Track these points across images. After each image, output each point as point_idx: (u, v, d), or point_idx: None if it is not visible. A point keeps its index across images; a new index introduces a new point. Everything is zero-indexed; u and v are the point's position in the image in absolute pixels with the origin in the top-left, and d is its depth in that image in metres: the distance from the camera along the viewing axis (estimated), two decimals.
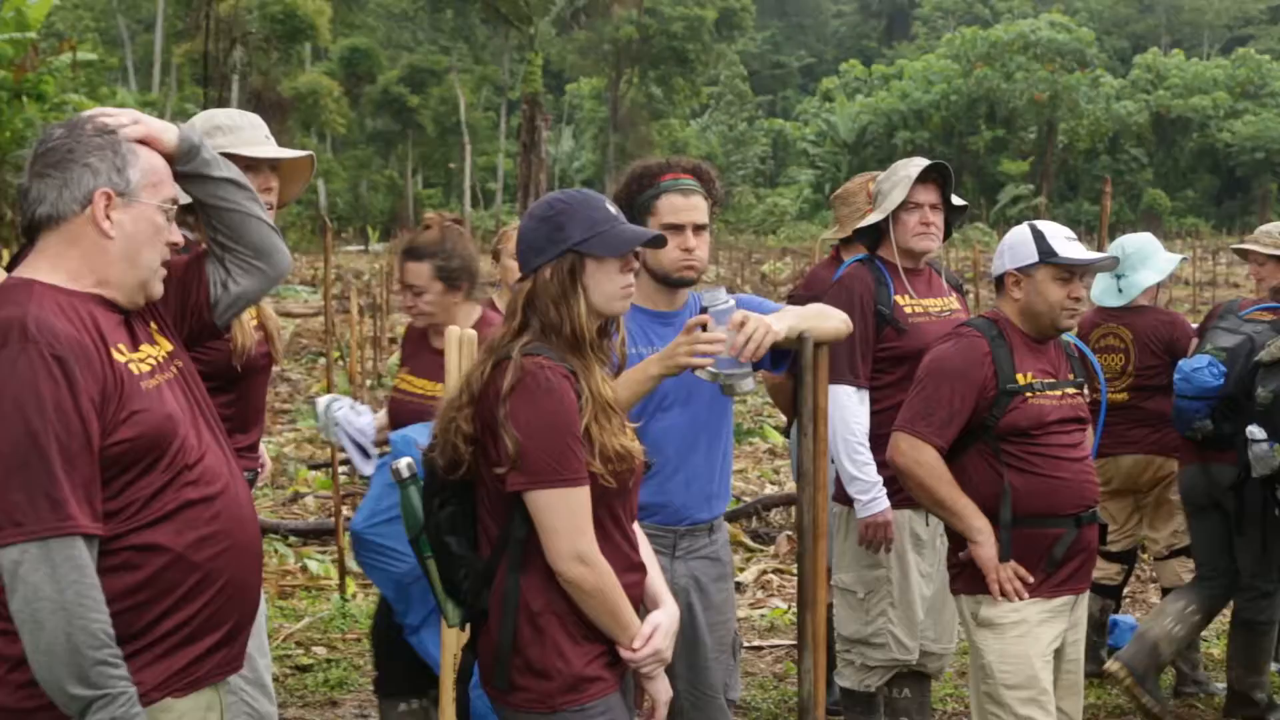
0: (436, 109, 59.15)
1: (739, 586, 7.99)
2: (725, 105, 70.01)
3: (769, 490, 10.39)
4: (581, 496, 2.76)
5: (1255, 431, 4.87)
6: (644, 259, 3.70)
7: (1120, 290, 5.89)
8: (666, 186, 3.71)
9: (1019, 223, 4.29)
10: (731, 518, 9.18)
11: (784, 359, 3.74)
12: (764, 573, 8.24)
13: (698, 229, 3.71)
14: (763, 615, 7.38)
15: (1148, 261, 5.92)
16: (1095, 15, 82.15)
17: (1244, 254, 6.15)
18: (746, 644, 6.82)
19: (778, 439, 12.45)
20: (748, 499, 9.90)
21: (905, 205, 4.71)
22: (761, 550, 8.76)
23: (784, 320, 3.44)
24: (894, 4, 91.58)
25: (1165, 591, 6.09)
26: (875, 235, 4.83)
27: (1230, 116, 65.56)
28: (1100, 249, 8.41)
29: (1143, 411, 5.83)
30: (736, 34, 62.96)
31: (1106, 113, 65.40)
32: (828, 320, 3.71)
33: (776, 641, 6.80)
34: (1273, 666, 5.83)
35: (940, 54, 68.97)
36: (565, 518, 2.74)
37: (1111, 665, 5.51)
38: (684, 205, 3.70)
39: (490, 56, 61.95)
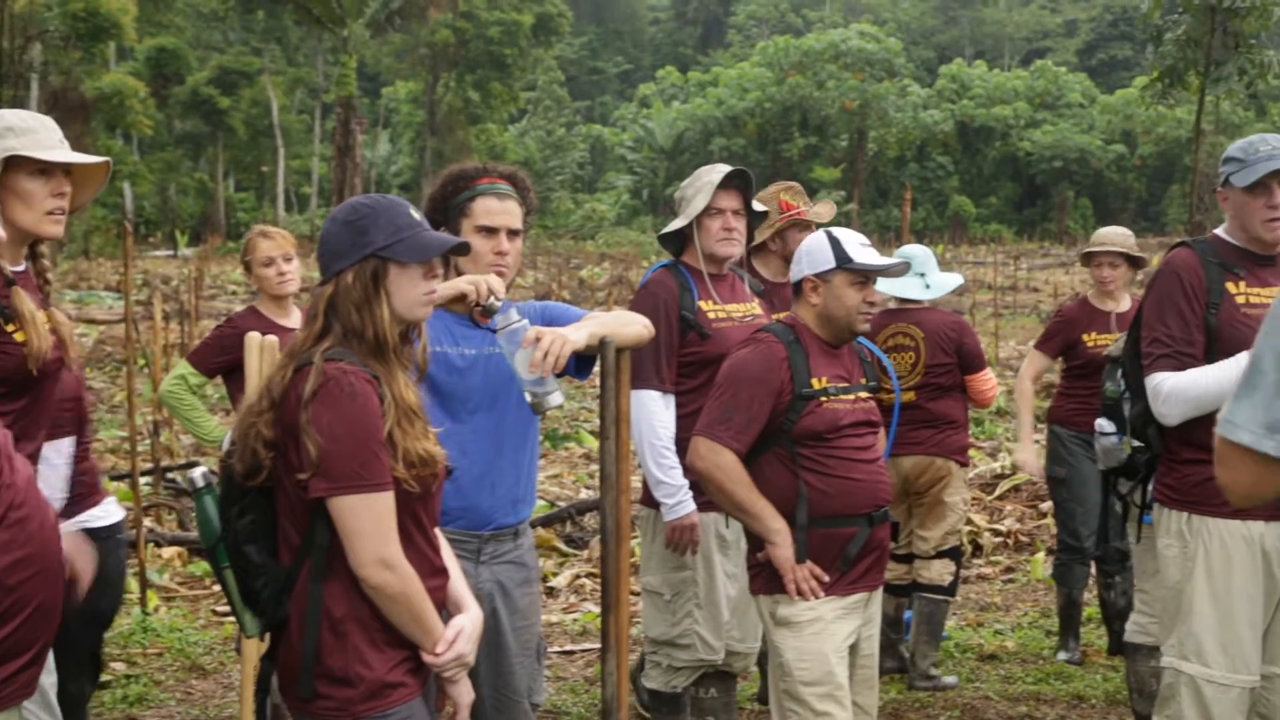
0: (248, 111, 57.95)
1: (552, 591, 8.03)
2: (543, 110, 70.08)
3: (584, 495, 10.44)
4: (385, 501, 2.76)
5: (1104, 425, 5.03)
6: (456, 262, 3.72)
7: (928, 287, 6.08)
8: (483, 190, 3.74)
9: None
10: (545, 522, 9.22)
11: (588, 365, 3.80)
12: (577, 577, 8.29)
13: (511, 234, 3.75)
14: (575, 619, 7.42)
15: (937, 266, 6.18)
16: (903, 26, 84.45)
17: (1089, 257, 6.41)
18: (559, 648, 6.86)
19: (593, 443, 12.52)
20: (563, 504, 9.93)
21: (708, 211, 4.79)
22: (575, 554, 8.81)
23: (582, 329, 3.50)
24: (709, 12, 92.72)
25: (924, 590, 6.20)
26: (679, 241, 4.91)
27: (1030, 126, 67.90)
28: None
29: (927, 413, 6.02)
30: (554, 39, 62.94)
31: (914, 121, 67.20)
32: (629, 326, 3.77)
33: (588, 645, 6.85)
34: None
35: (755, 62, 70.06)
36: (369, 523, 2.74)
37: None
38: (499, 209, 3.73)
39: (304, 59, 61.01)
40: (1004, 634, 7.05)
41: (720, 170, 4.85)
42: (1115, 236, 6.33)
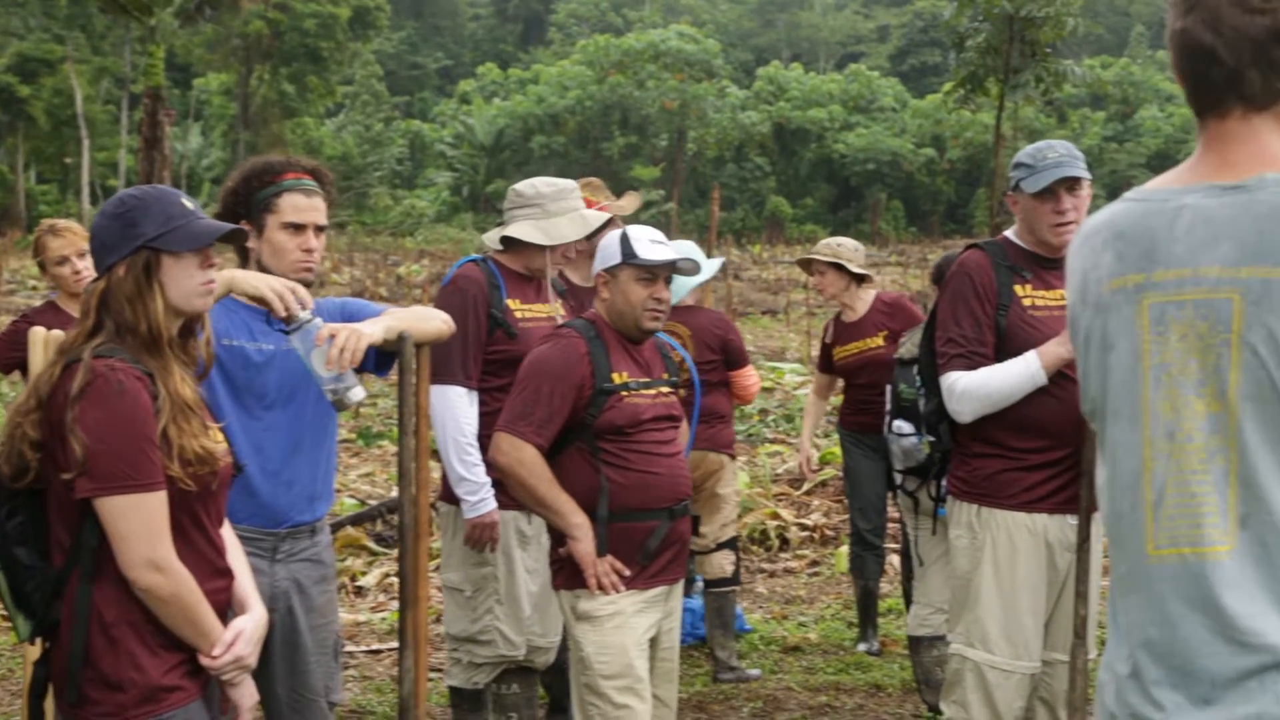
0: (50, 100, 55.87)
1: (361, 590, 7.95)
2: (361, 105, 69.07)
3: (395, 493, 10.32)
4: (156, 501, 2.69)
5: (902, 426, 5.15)
6: (260, 259, 3.67)
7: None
8: (289, 185, 3.69)
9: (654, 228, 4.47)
10: (355, 521, 9.13)
11: (388, 362, 3.78)
12: (386, 575, 8.22)
13: (318, 230, 3.72)
14: (383, 618, 7.36)
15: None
16: (721, 28, 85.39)
17: (807, 264, 6.59)
18: (366, 648, 6.80)
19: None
20: (373, 502, 9.83)
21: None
22: (384, 553, 8.73)
23: (378, 324, 3.48)
24: (530, 9, 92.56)
25: (710, 584, 6.33)
26: (508, 240, 4.88)
27: (844, 129, 69.24)
28: (709, 254, 8.79)
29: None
30: (371, 33, 62.20)
31: (732, 122, 68.01)
32: (427, 322, 3.77)
33: (395, 644, 6.78)
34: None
35: (575, 60, 70.14)
36: (138, 524, 2.67)
37: None
38: (306, 205, 3.69)
39: (110, 48, 59.06)
40: (807, 626, 7.20)
41: (575, 194, 4.92)
42: (825, 247, 6.51)
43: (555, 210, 4.83)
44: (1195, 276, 1.96)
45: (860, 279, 6.45)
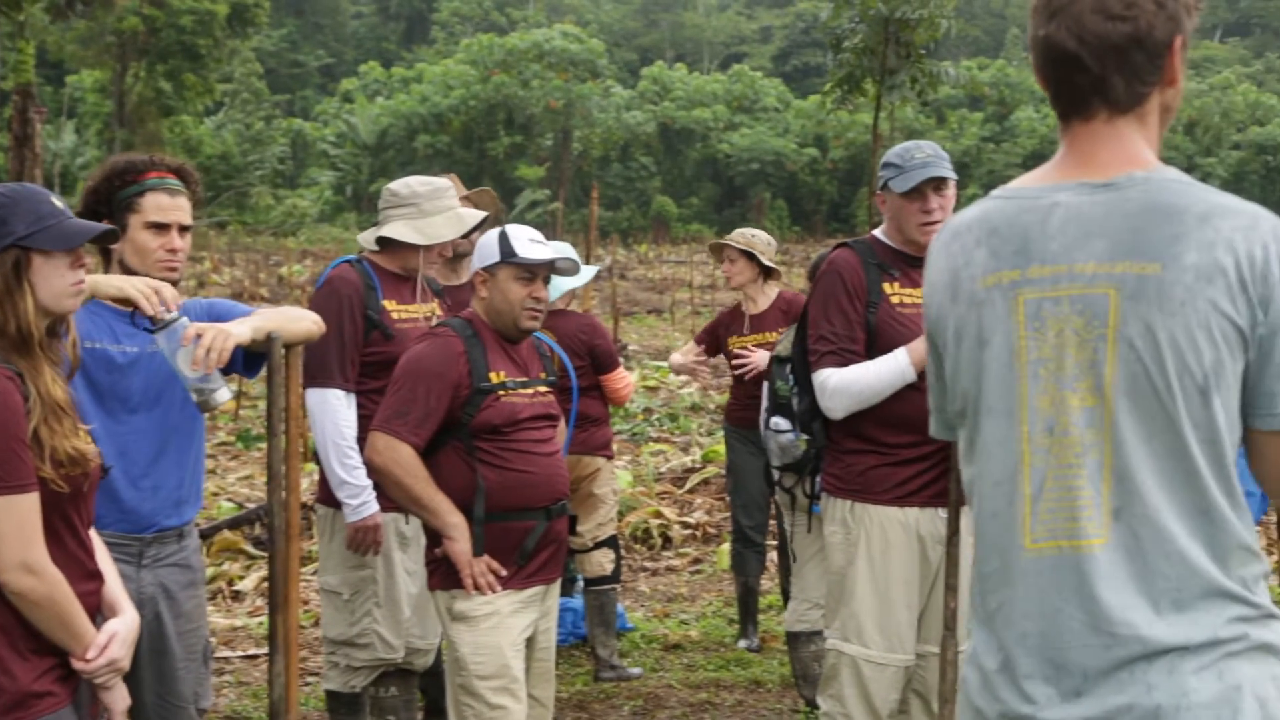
0: None
1: (238, 595, 7.84)
2: (241, 103, 67.98)
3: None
4: (29, 503, 2.64)
5: (779, 423, 5.17)
6: (123, 258, 3.61)
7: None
8: (153, 184, 3.63)
9: (539, 228, 4.46)
10: (233, 524, 8.99)
11: (258, 363, 3.73)
12: (264, 580, 8.09)
13: (182, 229, 3.66)
14: (260, 623, 7.26)
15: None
16: (605, 28, 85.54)
17: (718, 250, 6.64)
18: (243, 653, 6.70)
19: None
20: (252, 505, 9.69)
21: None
22: (263, 557, 8.59)
23: (246, 324, 3.43)
24: (413, 7, 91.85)
25: (591, 583, 6.32)
26: (384, 240, 4.82)
27: (729, 129, 69.71)
28: (588, 255, 8.79)
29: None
30: (251, 30, 61.11)
31: (618, 122, 68.11)
32: (297, 322, 3.72)
33: None
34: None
35: (459, 59, 69.71)
36: (11, 526, 2.61)
37: None
38: (170, 205, 3.64)
39: None
40: (689, 624, 7.24)
41: (451, 193, 4.88)
42: (740, 235, 6.56)
43: (431, 210, 4.80)
44: (1071, 272, 2.00)
45: (769, 273, 6.51)
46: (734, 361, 6.46)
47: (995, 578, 2.08)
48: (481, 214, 4.98)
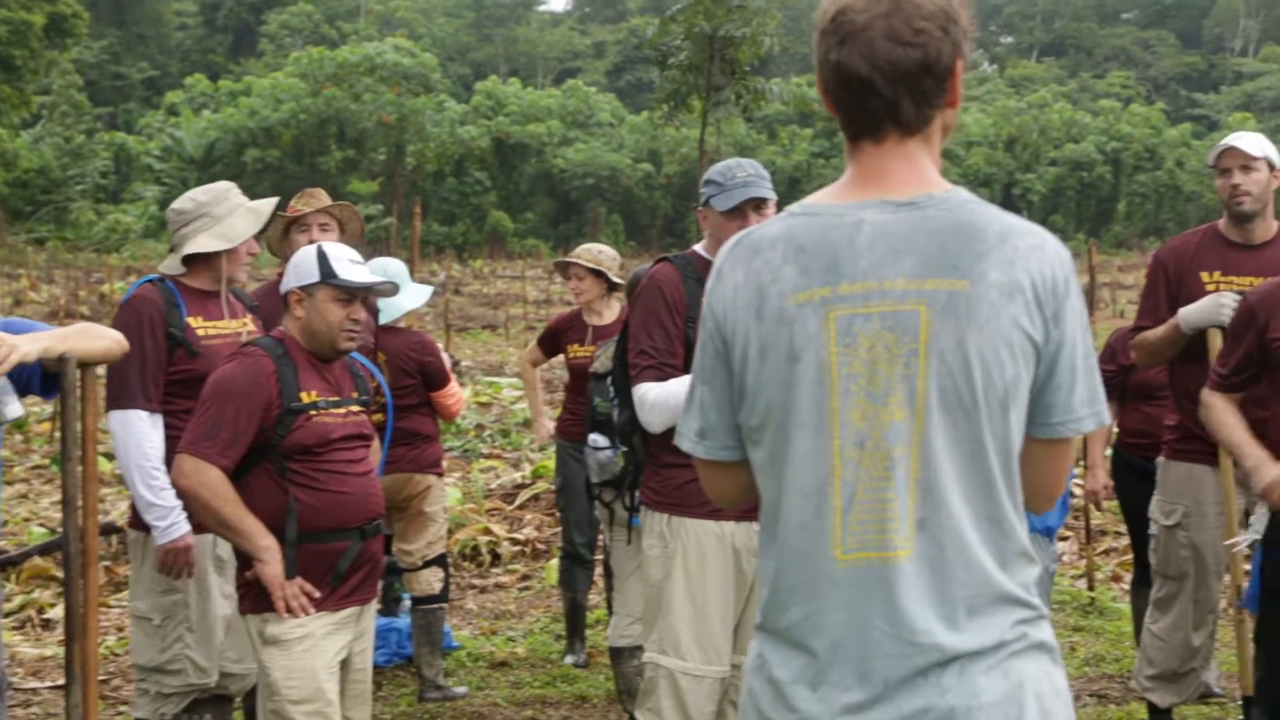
0: None
1: (49, 623, 7.58)
2: (60, 116, 65.92)
3: (113, 517, 9.90)
4: None
5: (597, 439, 5.16)
6: None
7: (379, 310, 5.99)
8: None
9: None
10: (44, 550, 8.68)
11: (54, 384, 3.61)
12: None
13: None
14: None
15: (406, 287, 6.15)
16: (438, 42, 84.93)
17: (564, 267, 6.65)
18: (53, 683, 6.48)
19: (107, 466, 11.89)
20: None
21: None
22: None
23: (38, 341, 3.33)
24: (240, 20, 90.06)
25: (418, 602, 6.23)
26: (189, 259, 4.71)
27: (564, 144, 69.77)
28: (413, 270, 8.72)
29: (398, 431, 5.94)
30: (70, 41, 59.37)
31: (452, 136, 67.67)
32: (96, 341, 3.62)
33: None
34: None
35: (289, 72, 68.55)
36: None
37: None
38: None
39: None
40: (516, 641, 7.21)
41: (234, 192, 4.85)
42: (587, 252, 6.61)
43: (222, 214, 4.74)
44: (881, 289, 2.04)
45: (614, 288, 6.54)
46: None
47: (802, 589, 2.11)
48: (274, 201, 4.90)
